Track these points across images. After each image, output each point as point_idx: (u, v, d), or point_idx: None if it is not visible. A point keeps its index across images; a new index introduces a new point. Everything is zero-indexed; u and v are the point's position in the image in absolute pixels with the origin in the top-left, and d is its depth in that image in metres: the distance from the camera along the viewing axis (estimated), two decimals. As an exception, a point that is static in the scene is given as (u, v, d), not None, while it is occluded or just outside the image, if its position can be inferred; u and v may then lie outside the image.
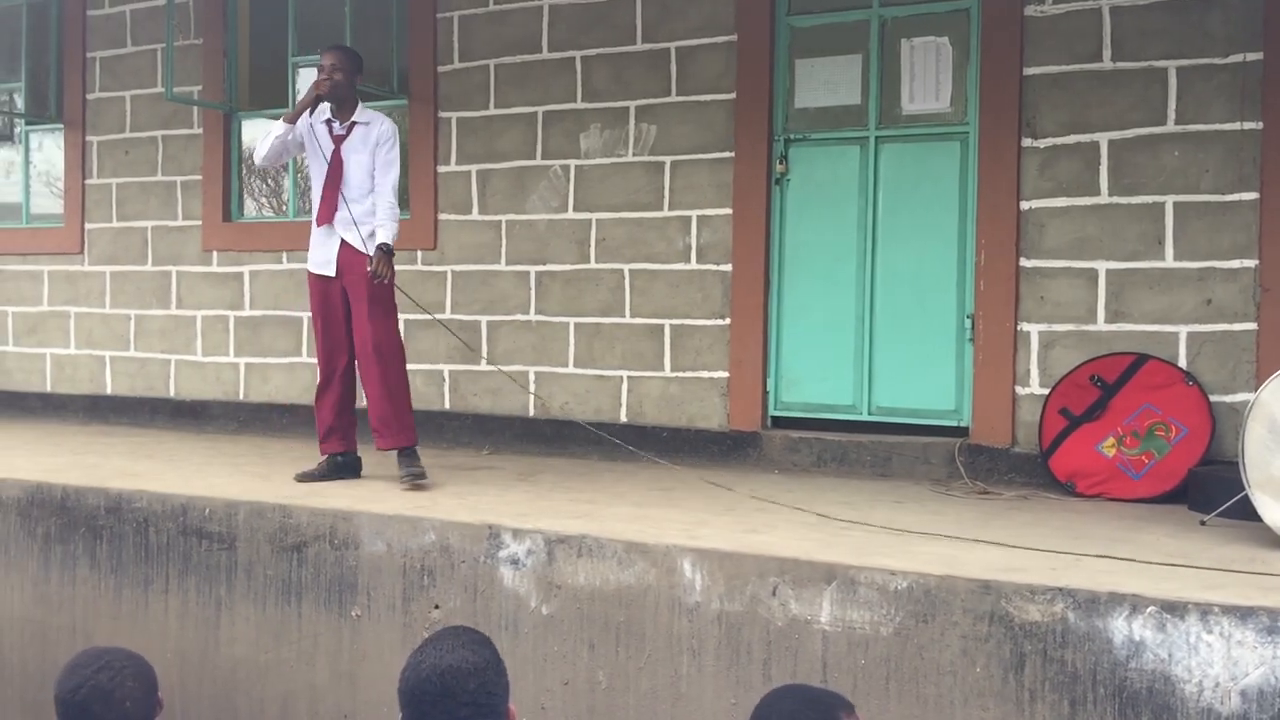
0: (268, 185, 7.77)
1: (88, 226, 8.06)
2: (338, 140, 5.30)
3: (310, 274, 5.41)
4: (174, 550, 4.81)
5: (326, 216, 5.29)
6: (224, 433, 7.36)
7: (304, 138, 5.37)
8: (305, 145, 5.39)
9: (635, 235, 6.37)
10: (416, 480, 5.09)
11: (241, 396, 7.51)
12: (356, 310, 5.26)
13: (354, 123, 5.33)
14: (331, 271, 5.30)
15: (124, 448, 6.51)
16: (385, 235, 5.18)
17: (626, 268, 6.40)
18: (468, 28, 6.84)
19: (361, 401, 5.45)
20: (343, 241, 5.27)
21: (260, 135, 5.16)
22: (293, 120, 5.31)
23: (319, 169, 5.34)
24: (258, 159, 5.40)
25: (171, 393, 7.75)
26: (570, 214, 6.56)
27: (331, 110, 5.33)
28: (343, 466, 5.41)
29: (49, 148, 8.40)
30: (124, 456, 6.11)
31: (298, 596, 4.54)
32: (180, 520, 4.80)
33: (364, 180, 5.26)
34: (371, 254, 5.14)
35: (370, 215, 5.24)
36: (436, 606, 4.28)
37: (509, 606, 4.15)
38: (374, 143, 5.27)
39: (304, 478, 5.28)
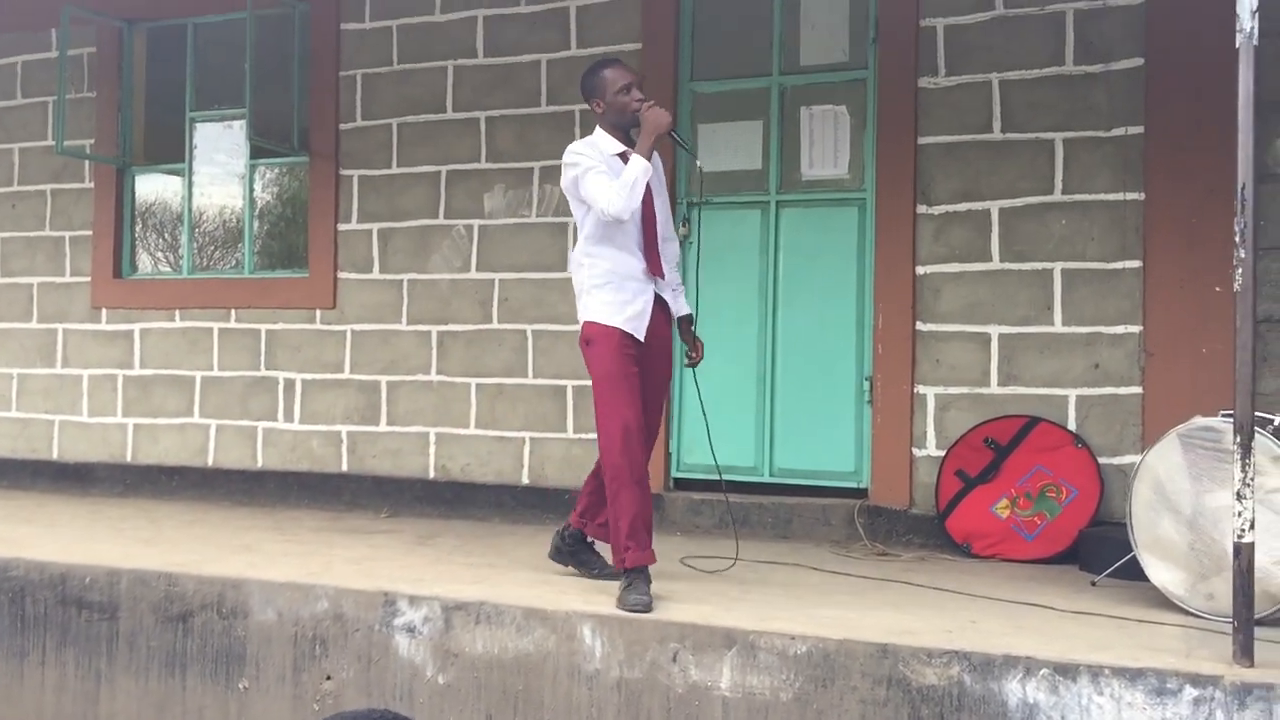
0: (165, 240, 7.59)
1: (-30, 282, 7.79)
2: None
3: (621, 330, 4.24)
4: (52, 621, 4.60)
5: (658, 267, 4.32)
6: (109, 496, 7.11)
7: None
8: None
9: (538, 296, 6.35)
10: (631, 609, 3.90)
11: (129, 458, 7.27)
12: (655, 388, 4.39)
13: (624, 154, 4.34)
14: (644, 334, 4.28)
15: (1, 512, 6.24)
16: (685, 304, 4.47)
17: (530, 328, 6.37)
18: (371, 86, 6.80)
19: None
20: (656, 297, 4.34)
21: (612, 184, 4.15)
22: (649, 154, 4.19)
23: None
24: (624, 215, 4.15)
25: (55, 454, 7.47)
26: (473, 274, 6.52)
27: (626, 141, 4.35)
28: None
29: (-69, 200, 8.11)
30: (1, 521, 5.85)
31: (182, 668, 4.37)
32: (59, 589, 4.60)
33: (667, 222, 4.45)
34: (677, 319, 4.44)
35: (671, 267, 4.43)
36: (329, 677, 4.15)
37: (404, 676, 4.04)
38: (660, 185, 4.42)
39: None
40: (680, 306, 4.48)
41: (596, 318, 4.28)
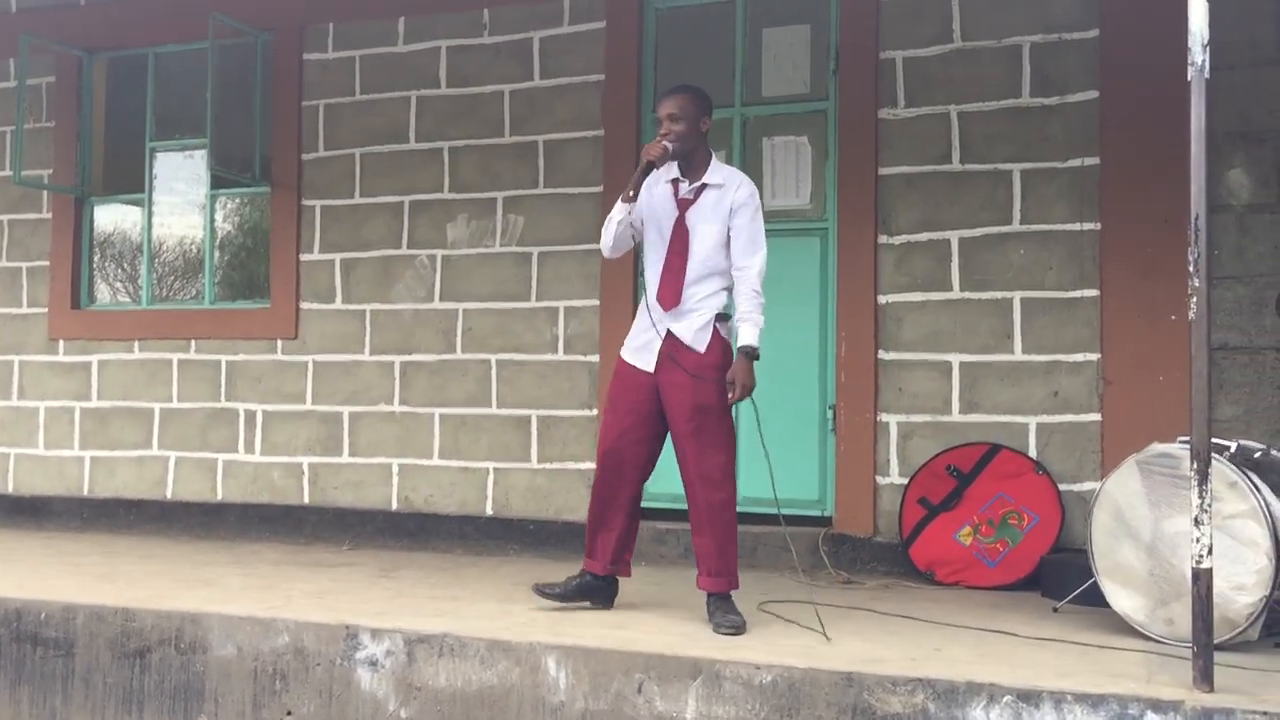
0: (124, 271, 7.52)
1: (-76, 313, 7.67)
2: (683, 205, 4.30)
3: (622, 359, 4.43)
4: (5, 658, 4.51)
5: (671, 299, 4.27)
6: (66, 530, 6.99)
7: (644, 207, 4.38)
8: (645, 215, 4.39)
9: (503, 325, 6.35)
10: (731, 630, 4.06)
11: (86, 492, 7.16)
12: (675, 426, 4.31)
13: (705, 184, 4.31)
14: (650, 367, 4.31)
15: (-46, 547, 6.13)
16: (751, 335, 4.17)
17: (494, 358, 6.36)
18: (334, 116, 6.79)
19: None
20: (669, 332, 4.29)
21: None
22: (633, 198, 4.31)
23: (657, 240, 4.34)
24: (604, 251, 4.45)
25: (9, 488, 7.35)
26: (436, 304, 6.50)
27: (680, 168, 4.36)
28: (592, 589, 4.50)
29: (-116, 230, 8.00)
30: (-46, 557, 5.75)
31: (139, 704, 4.29)
32: (13, 625, 4.51)
33: (710, 256, 4.26)
34: (704, 347, 4.25)
35: (710, 299, 4.27)
36: (289, 713, 4.09)
37: (366, 710, 3.99)
38: (728, 209, 4.25)
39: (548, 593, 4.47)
40: (740, 336, 4.23)
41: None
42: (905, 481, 5.53)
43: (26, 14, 7.38)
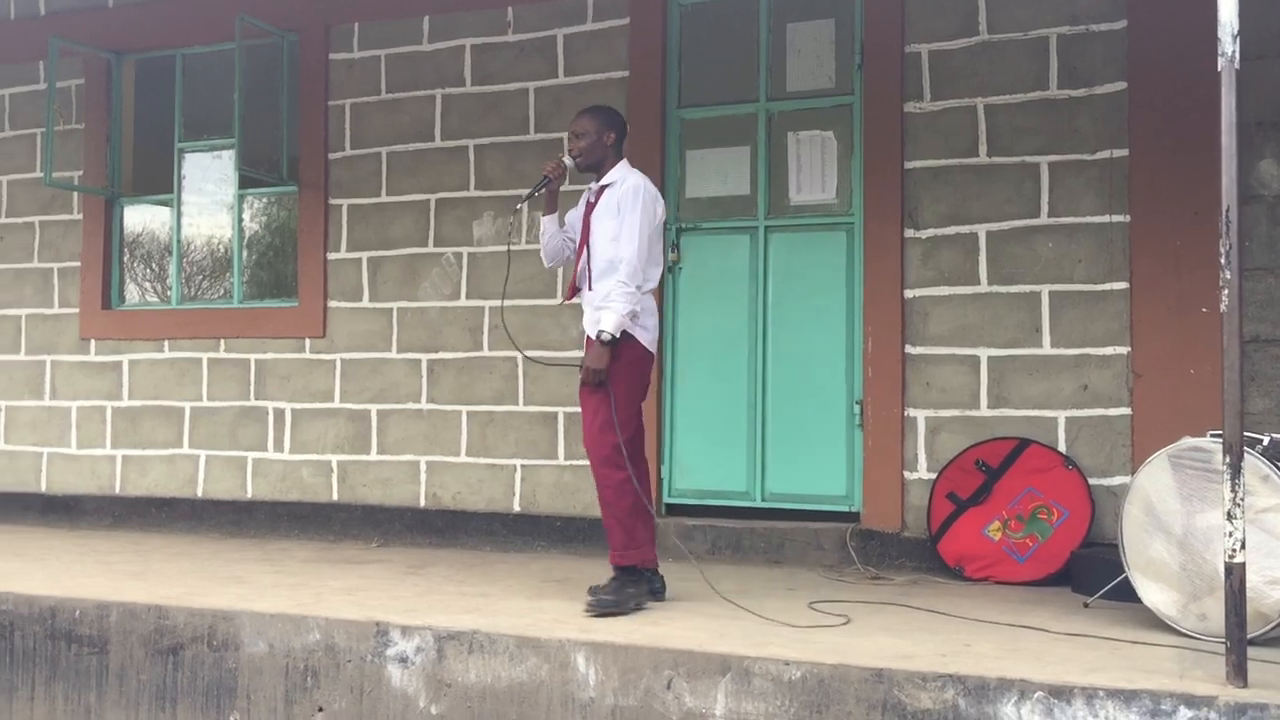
0: (152, 271, 7.59)
1: (-43, 314, 7.77)
2: (589, 208, 4.63)
3: None
4: (41, 655, 4.56)
5: (570, 295, 4.72)
6: (98, 528, 7.07)
7: (573, 216, 4.76)
8: (571, 223, 4.77)
9: (529, 322, 6.36)
10: (600, 610, 4.27)
11: (118, 490, 7.23)
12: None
13: (605, 186, 4.60)
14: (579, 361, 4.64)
15: (-10, 546, 6.21)
16: (606, 321, 4.39)
17: (520, 355, 6.37)
18: (360, 116, 6.83)
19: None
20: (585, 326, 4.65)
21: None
22: (548, 211, 4.70)
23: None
24: (544, 261, 4.82)
25: (43, 487, 7.43)
26: (463, 301, 6.53)
27: (596, 179, 4.66)
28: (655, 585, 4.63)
29: (-82, 232, 8.10)
30: (-11, 555, 5.82)
31: (173, 702, 4.33)
32: (48, 623, 4.56)
33: (607, 251, 4.50)
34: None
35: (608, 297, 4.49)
36: (320, 709, 4.12)
37: (396, 707, 4.01)
38: (614, 206, 4.51)
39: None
40: (597, 323, 4.47)
41: None
42: (933, 477, 5.51)
43: (55, 17, 7.46)
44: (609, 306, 4.40)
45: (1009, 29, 5.56)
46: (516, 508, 6.33)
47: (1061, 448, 5.36)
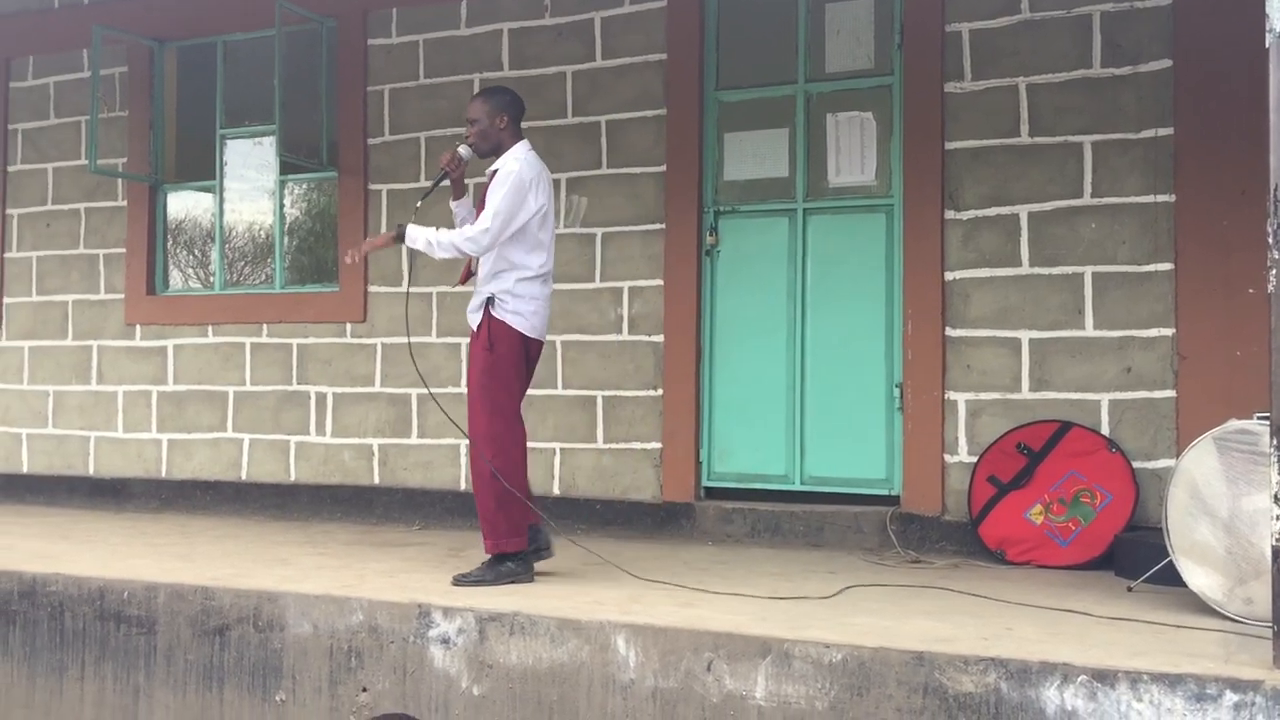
0: (195, 256, 7.67)
1: (6, 301, 7.88)
2: (484, 190, 4.70)
3: None
4: (90, 635, 4.65)
5: (464, 276, 4.83)
6: (145, 511, 7.17)
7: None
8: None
9: (567, 307, 6.37)
10: (459, 581, 4.52)
11: (164, 474, 7.34)
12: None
13: (495, 170, 4.71)
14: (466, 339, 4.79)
15: (39, 528, 6.31)
16: (415, 232, 4.63)
17: (559, 339, 6.39)
18: (399, 101, 6.85)
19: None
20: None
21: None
22: (456, 197, 4.87)
23: None
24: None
25: (90, 470, 7.55)
26: (501, 286, 6.54)
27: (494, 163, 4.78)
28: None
29: (-33, 220, 8.24)
30: (39, 538, 5.92)
31: (219, 681, 4.40)
32: (97, 604, 4.64)
33: None
34: (476, 326, 4.63)
35: (489, 281, 4.63)
36: (364, 689, 4.17)
37: (439, 687, 4.05)
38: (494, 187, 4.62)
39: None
40: (411, 228, 4.74)
41: None
42: (974, 460, 5.48)
43: (98, 6, 7.53)
44: (431, 234, 4.58)
45: (1051, 6, 5.49)
46: (556, 490, 6.36)
47: (1105, 431, 5.31)
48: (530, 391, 6.44)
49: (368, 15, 6.92)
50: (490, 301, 4.61)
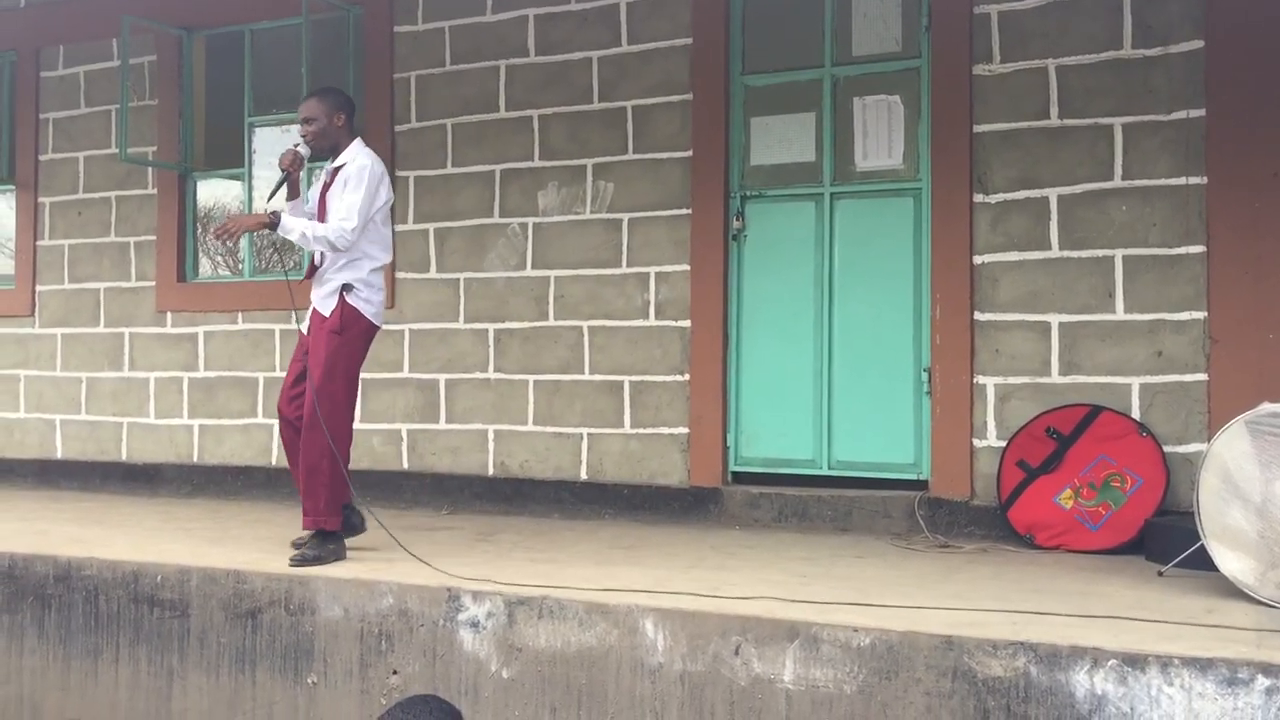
0: (225, 244, 7.71)
1: (39, 288, 7.97)
2: (325, 189, 4.92)
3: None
4: (124, 619, 4.71)
5: (310, 271, 4.97)
6: (177, 496, 7.24)
7: (313, 200, 5.03)
8: (315, 205, 5.01)
9: (594, 292, 6.38)
10: (295, 561, 4.60)
11: (195, 459, 7.41)
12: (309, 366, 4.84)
13: (337, 167, 4.89)
14: (306, 330, 4.96)
15: (73, 513, 6.39)
16: (289, 223, 4.75)
17: (585, 325, 6.40)
18: (425, 88, 6.87)
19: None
20: (312, 299, 4.96)
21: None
22: (290, 198, 5.00)
23: None
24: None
25: (123, 456, 7.63)
26: (528, 271, 6.56)
27: (332, 161, 4.97)
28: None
29: (0, 209, 8.32)
30: (73, 523, 5.99)
31: (252, 664, 4.45)
32: (131, 588, 4.70)
33: None
34: (328, 312, 4.80)
35: (340, 270, 4.82)
36: (395, 672, 4.21)
37: (469, 670, 4.08)
38: (343, 184, 4.80)
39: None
40: (286, 220, 4.86)
41: None
42: (1003, 444, 5.45)
43: (127, -5, 7.59)
44: (303, 228, 4.72)
45: (1081, -13, 5.44)
46: (583, 476, 6.38)
47: (1135, 415, 5.27)
48: (558, 377, 6.49)
49: (394, 2, 6.93)
50: (346, 288, 4.82)
